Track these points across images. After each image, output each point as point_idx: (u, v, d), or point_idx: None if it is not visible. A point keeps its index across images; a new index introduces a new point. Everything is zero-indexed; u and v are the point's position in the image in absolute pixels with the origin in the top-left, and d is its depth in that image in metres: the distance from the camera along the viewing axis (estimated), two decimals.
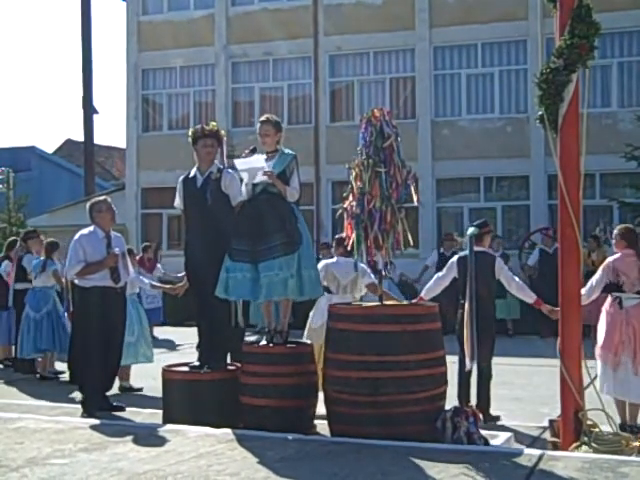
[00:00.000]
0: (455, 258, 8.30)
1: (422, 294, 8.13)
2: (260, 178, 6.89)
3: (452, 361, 7.01)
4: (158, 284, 11.21)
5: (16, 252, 12.16)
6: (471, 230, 8.09)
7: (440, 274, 8.35)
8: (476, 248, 7.97)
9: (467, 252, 8.03)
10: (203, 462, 5.42)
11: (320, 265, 8.35)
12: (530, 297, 8.00)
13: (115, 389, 9.39)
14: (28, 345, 11.04)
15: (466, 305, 7.67)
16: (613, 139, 18.02)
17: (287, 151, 7.09)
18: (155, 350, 10.67)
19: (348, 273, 8.39)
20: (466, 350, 7.62)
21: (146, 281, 10.69)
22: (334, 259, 8.67)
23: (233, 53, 22.18)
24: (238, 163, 7.09)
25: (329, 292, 8.41)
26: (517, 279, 8.22)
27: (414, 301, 8.00)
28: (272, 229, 6.77)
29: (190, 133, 7.49)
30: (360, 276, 8.36)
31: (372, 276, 8.18)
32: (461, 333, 7.99)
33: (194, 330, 7.55)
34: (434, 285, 8.19)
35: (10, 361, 12.22)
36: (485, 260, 8.00)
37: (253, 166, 6.98)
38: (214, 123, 7.59)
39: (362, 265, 8.11)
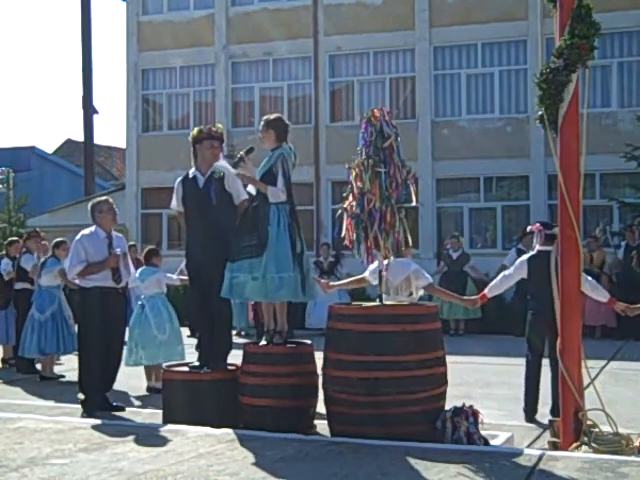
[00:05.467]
0: (525, 257, 8.16)
1: (485, 291, 7.99)
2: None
3: (452, 361, 7.00)
4: (184, 277, 11.05)
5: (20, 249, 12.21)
6: (532, 227, 8.06)
7: (507, 272, 8.20)
8: (542, 248, 7.90)
9: (536, 252, 7.96)
10: (203, 462, 5.42)
11: (372, 266, 7.75)
12: (604, 296, 7.80)
13: (142, 390, 9.41)
14: (31, 345, 10.98)
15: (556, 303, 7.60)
16: (613, 139, 18.02)
17: (282, 147, 6.95)
18: None
19: (399, 274, 7.69)
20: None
21: (174, 277, 10.41)
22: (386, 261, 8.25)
23: (233, 53, 22.17)
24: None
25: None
26: (590, 278, 7.89)
27: (475, 297, 7.97)
28: (247, 230, 6.78)
29: (195, 132, 7.42)
30: (414, 278, 7.68)
31: (428, 277, 7.73)
32: (531, 335, 7.94)
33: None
34: (499, 283, 8.04)
35: (14, 360, 12.24)
36: (549, 260, 7.84)
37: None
38: (220, 125, 7.58)
39: (416, 266, 7.70)
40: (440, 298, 8.44)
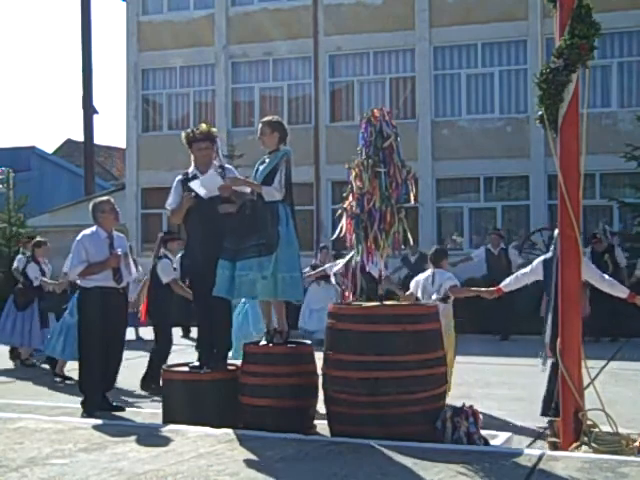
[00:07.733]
0: (541, 259, 8.08)
1: (501, 285, 7.97)
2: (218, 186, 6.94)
3: (455, 361, 6.99)
4: None
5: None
6: (557, 231, 7.98)
7: (524, 271, 8.15)
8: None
9: (551, 254, 7.79)
10: (203, 462, 5.42)
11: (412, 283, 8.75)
12: (623, 292, 7.69)
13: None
14: (56, 346, 10.78)
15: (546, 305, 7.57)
16: (613, 139, 18.03)
17: (282, 148, 6.97)
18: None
19: (437, 282, 8.55)
20: (548, 348, 7.57)
21: None
22: (427, 273, 8.77)
23: (233, 53, 22.17)
24: (193, 185, 7.10)
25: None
26: (606, 276, 7.83)
27: (492, 289, 7.99)
28: (253, 229, 6.73)
29: (183, 137, 7.46)
30: (446, 283, 8.51)
31: (454, 278, 8.31)
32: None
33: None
34: (515, 281, 8.01)
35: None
36: None
37: (211, 182, 6.97)
38: (204, 125, 7.53)
39: (449, 274, 8.40)
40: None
